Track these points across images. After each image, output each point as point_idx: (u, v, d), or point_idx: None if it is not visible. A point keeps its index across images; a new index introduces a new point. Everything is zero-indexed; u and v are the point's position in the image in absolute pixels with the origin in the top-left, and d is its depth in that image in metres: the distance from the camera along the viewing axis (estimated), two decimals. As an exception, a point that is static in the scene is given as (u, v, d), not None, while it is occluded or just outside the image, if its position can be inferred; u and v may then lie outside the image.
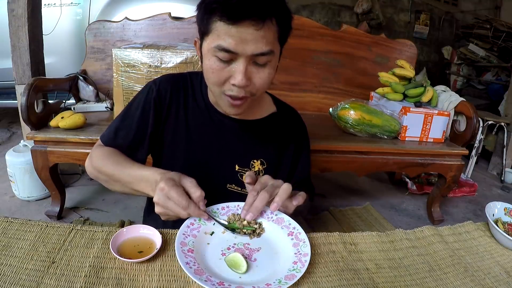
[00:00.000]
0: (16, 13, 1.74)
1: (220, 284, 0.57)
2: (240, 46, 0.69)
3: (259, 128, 0.93)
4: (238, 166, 0.91)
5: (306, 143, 1.02)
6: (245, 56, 0.71)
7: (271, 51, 0.73)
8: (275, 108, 0.98)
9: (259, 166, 0.92)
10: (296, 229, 0.72)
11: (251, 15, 0.67)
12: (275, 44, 0.74)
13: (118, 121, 0.90)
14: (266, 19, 0.69)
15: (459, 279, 0.69)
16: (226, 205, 0.76)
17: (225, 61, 0.72)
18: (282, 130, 0.96)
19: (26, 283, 0.57)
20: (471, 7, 4.80)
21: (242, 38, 0.69)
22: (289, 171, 0.98)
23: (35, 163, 1.64)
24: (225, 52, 0.70)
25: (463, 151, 1.89)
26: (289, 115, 1.00)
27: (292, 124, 0.99)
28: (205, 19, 0.72)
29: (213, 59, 0.73)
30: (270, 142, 0.94)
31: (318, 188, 2.41)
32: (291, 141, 0.97)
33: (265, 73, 0.75)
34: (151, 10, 2.16)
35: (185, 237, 0.67)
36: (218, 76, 0.74)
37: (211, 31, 0.72)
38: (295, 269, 0.62)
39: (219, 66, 0.73)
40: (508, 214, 0.87)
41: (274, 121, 0.95)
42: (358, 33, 2.34)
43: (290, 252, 0.67)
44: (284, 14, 0.74)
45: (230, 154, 0.91)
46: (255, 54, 0.71)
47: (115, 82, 1.65)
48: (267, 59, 0.74)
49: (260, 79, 0.75)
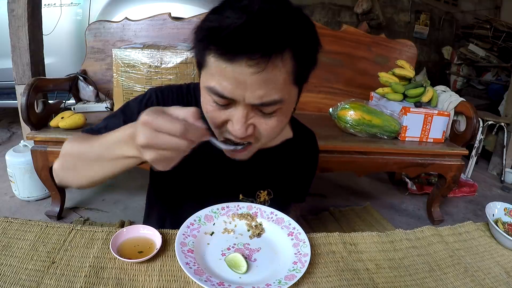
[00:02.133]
0: (16, 13, 1.74)
1: (220, 284, 0.57)
2: (238, 91, 0.54)
3: (270, 157, 0.81)
4: (242, 196, 0.83)
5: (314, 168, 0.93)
6: (244, 104, 0.56)
7: (279, 100, 0.56)
8: (292, 134, 0.85)
9: (265, 197, 0.84)
10: (296, 229, 0.72)
11: (247, 50, 0.50)
12: (286, 89, 0.56)
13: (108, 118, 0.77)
14: (272, 54, 0.51)
15: (459, 279, 0.69)
16: (226, 205, 0.76)
17: (222, 105, 0.58)
18: (295, 158, 0.85)
19: (26, 283, 0.57)
20: (471, 7, 4.80)
21: (239, 81, 0.53)
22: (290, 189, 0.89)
23: (35, 163, 1.65)
24: (220, 98, 0.56)
25: (463, 151, 1.89)
26: (305, 141, 0.88)
27: (306, 150, 0.88)
28: (199, 49, 0.57)
29: (208, 98, 0.59)
30: (280, 171, 0.84)
31: (318, 188, 2.44)
32: (302, 166, 0.88)
33: (273, 121, 0.60)
34: (151, 10, 2.16)
35: (185, 237, 0.67)
36: (214, 119, 0.61)
37: (205, 66, 0.57)
38: (295, 269, 0.62)
39: (215, 108, 0.59)
40: (508, 214, 0.87)
41: (288, 148, 0.83)
42: (358, 33, 2.35)
43: (290, 252, 0.67)
44: (306, 43, 0.56)
45: (234, 184, 0.82)
46: (255, 104, 0.56)
47: (115, 82, 1.66)
48: (275, 108, 0.58)
49: (267, 126, 0.60)
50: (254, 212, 0.76)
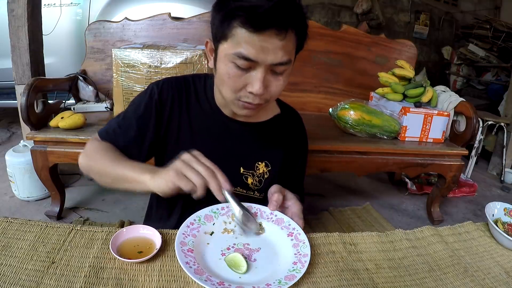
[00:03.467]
0: (16, 13, 1.74)
1: (220, 284, 0.57)
2: (261, 55, 0.69)
3: (263, 130, 0.93)
4: (243, 169, 0.90)
5: (305, 149, 1.02)
6: (264, 65, 0.71)
7: (289, 60, 0.73)
8: (279, 110, 0.98)
9: (263, 168, 0.92)
10: (296, 229, 0.72)
11: (276, 24, 0.67)
12: (292, 54, 0.75)
13: (118, 120, 0.89)
14: (288, 29, 0.69)
15: (459, 279, 0.69)
16: (226, 205, 0.76)
17: (243, 68, 0.71)
18: (285, 132, 0.96)
19: (26, 283, 0.57)
20: (471, 7, 4.80)
21: (263, 47, 0.68)
22: (287, 174, 0.97)
23: (35, 163, 1.64)
24: (245, 60, 0.70)
25: (463, 151, 1.89)
26: (292, 118, 1.00)
27: (294, 127, 0.99)
28: (226, 24, 0.70)
29: (230, 65, 0.72)
30: (274, 144, 0.94)
31: (318, 188, 2.44)
32: (293, 144, 0.97)
33: (281, 81, 0.76)
34: (151, 10, 2.16)
35: (184, 236, 0.67)
36: (234, 82, 0.74)
37: (231, 37, 0.70)
38: (295, 269, 0.62)
39: (236, 73, 0.72)
40: (508, 214, 0.87)
41: (278, 123, 0.95)
42: (358, 33, 2.34)
43: (290, 252, 0.67)
44: (303, 24, 0.74)
45: (235, 156, 0.90)
46: (275, 64, 0.71)
47: (115, 82, 1.65)
48: (284, 68, 0.74)
49: (276, 87, 0.76)
50: (254, 213, 0.76)
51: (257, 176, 0.91)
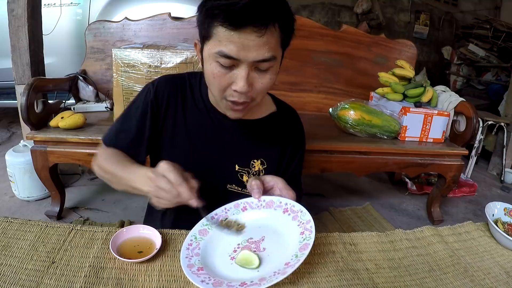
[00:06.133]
0: (16, 13, 1.74)
1: (243, 285, 0.57)
2: (242, 52, 0.69)
3: (259, 128, 0.93)
4: (238, 166, 0.91)
5: (302, 145, 1.02)
6: (247, 63, 0.70)
7: (273, 57, 0.72)
8: (275, 108, 0.98)
9: (259, 166, 0.92)
10: (289, 204, 0.73)
11: (253, 21, 0.66)
12: (277, 50, 0.74)
13: (118, 123, 0.91)
14: (268, 24, 0.68)
15: (459, 279, 0.69)
16: (214, 213, 0.75)
17: (227, 66, 0.72)
18: (282, 130, 0.96)
19: (26, 283, 0.57)
20: (471, 7, 4.80)
21: (244, 44, 0.68)
22: (283, 171, 0.98)
23: (35, 163, 1.64)
24: (227, 58, 0.70)
25: (463, 151, 1.89)
26: (288, 115, 1.00)
27: (291, 125, 0.99)
28: (206, 23, 0.71)
29: (214, 64, 0.73)
30: (270, 142, 0.94)
31: (318, 188, 2.44)
32: (290, 141, 0.97)
33: (267, 78, 0.75)
34: (151, 10, 2.16)
35: (189, 259, 0.64)
36: (219, 81, 0.74)
37: (212, 36, 0.71)
38: (305, 238, 0.63)
39: (220, 71, 0.73)
40: (508, 214, 0.87)
41: (274, 120, 0.95)
42: (358, 33, 2.34)
43: (293, 226, 0.68)
44: (287, 19, 0.73)
45: (230, 154, 0.91)
46: (257, 61, 0.71)
47: (115, 82, 1.65)
48: (269, 65, 0.73)
49: (262, 84, 0.75)
50: (242, 207, 0.76)
51: (252, 174, 0.92)
